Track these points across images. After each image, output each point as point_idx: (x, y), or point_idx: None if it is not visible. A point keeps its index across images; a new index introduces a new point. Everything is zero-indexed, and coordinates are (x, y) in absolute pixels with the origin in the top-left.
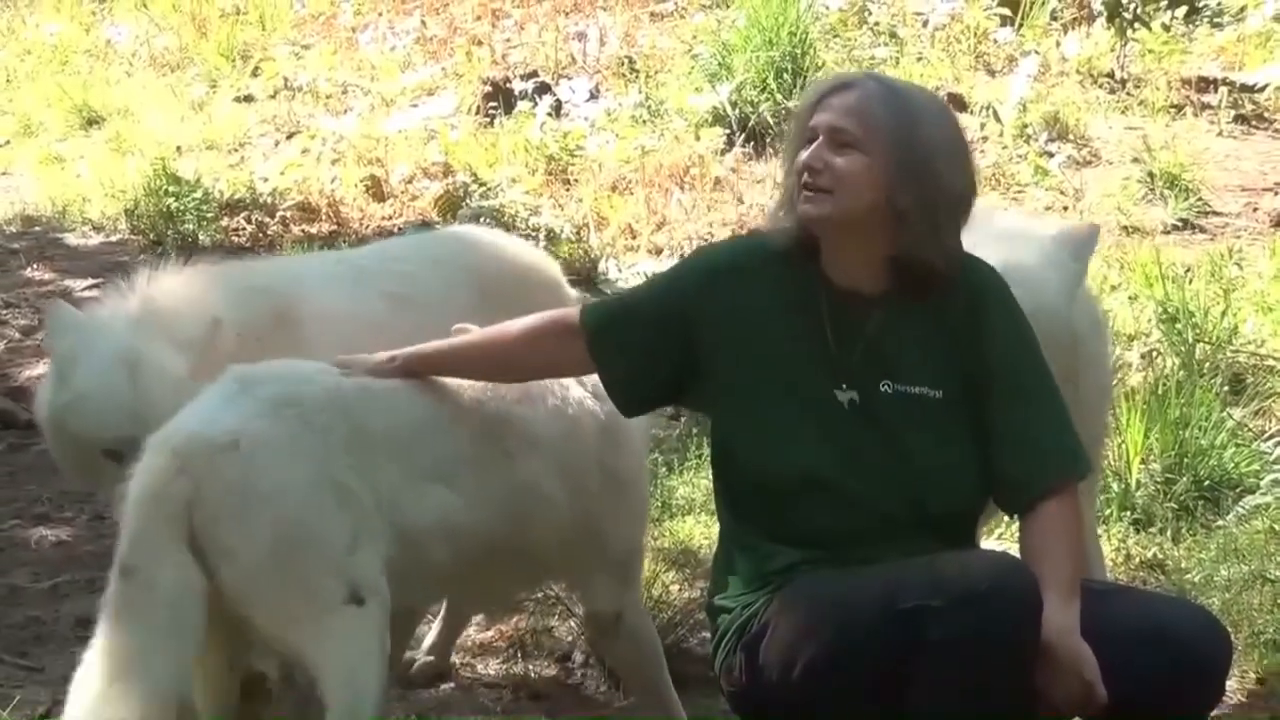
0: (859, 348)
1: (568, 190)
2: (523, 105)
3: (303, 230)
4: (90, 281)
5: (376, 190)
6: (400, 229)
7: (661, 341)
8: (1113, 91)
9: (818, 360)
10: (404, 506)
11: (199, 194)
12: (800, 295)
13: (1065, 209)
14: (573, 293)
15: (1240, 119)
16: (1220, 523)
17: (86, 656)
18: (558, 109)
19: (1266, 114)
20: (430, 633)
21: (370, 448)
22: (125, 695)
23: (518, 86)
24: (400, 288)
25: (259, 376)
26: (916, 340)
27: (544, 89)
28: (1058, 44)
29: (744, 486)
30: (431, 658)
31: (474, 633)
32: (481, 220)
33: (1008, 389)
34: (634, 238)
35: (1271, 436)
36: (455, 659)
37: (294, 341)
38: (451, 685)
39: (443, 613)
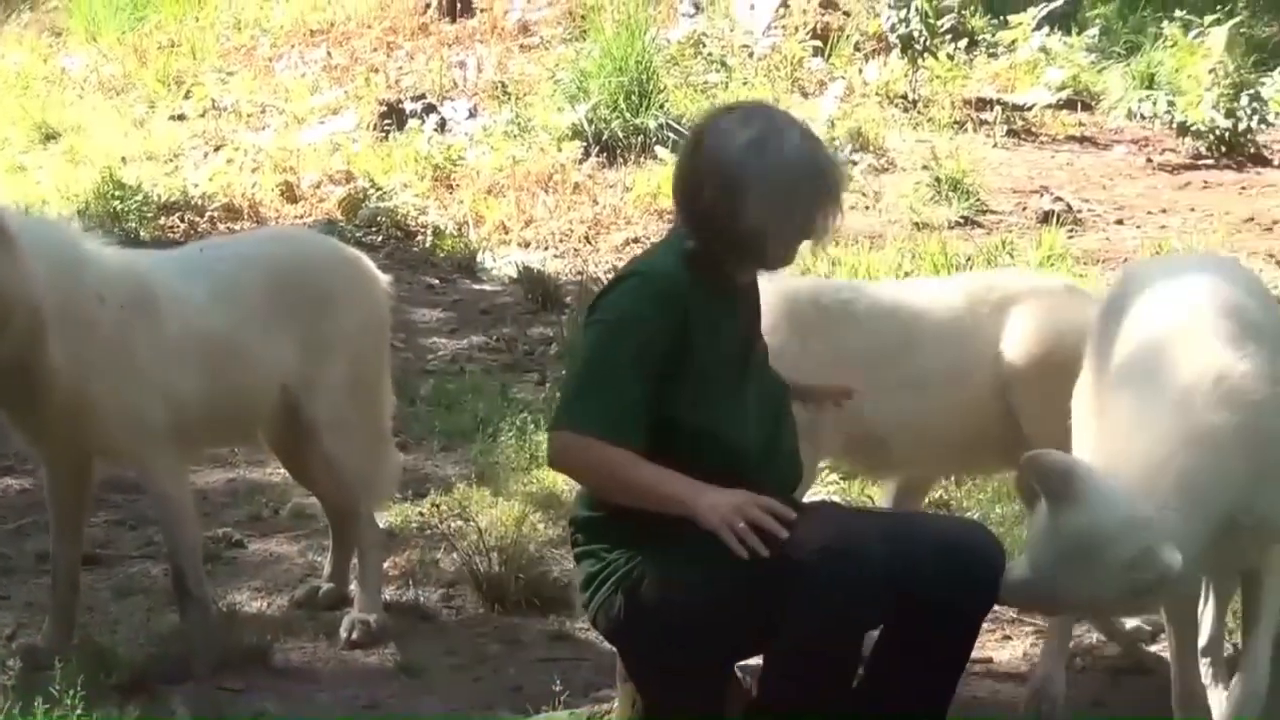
0: (740, 327)
1: (450, 193)
2: (412, 123)
3: (228, 228)
4: None
5: (290, 194)
6: (309, 226)
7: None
8: (906, 110)
9: (732, 347)
10: None
11: (140, 197)
12: (721, 302)
13: (866, 209)
14: (386, 286)
15: (1011, 133)
16: None
17: None
18: (442, 125)
19: (1033, 129)
20: (327, 562)
21: None
22: None
23: (408, 107)
24: (217, 282)
25: None
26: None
27: (430, 109)
28: (860, 71)
29: (678, 453)
30: (332, 585)
31: None
32: (376, 219)
33: None
34: (506, 233)
35: None
36: (354, 585)
37: (155, 315)
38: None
39: (333, 545)
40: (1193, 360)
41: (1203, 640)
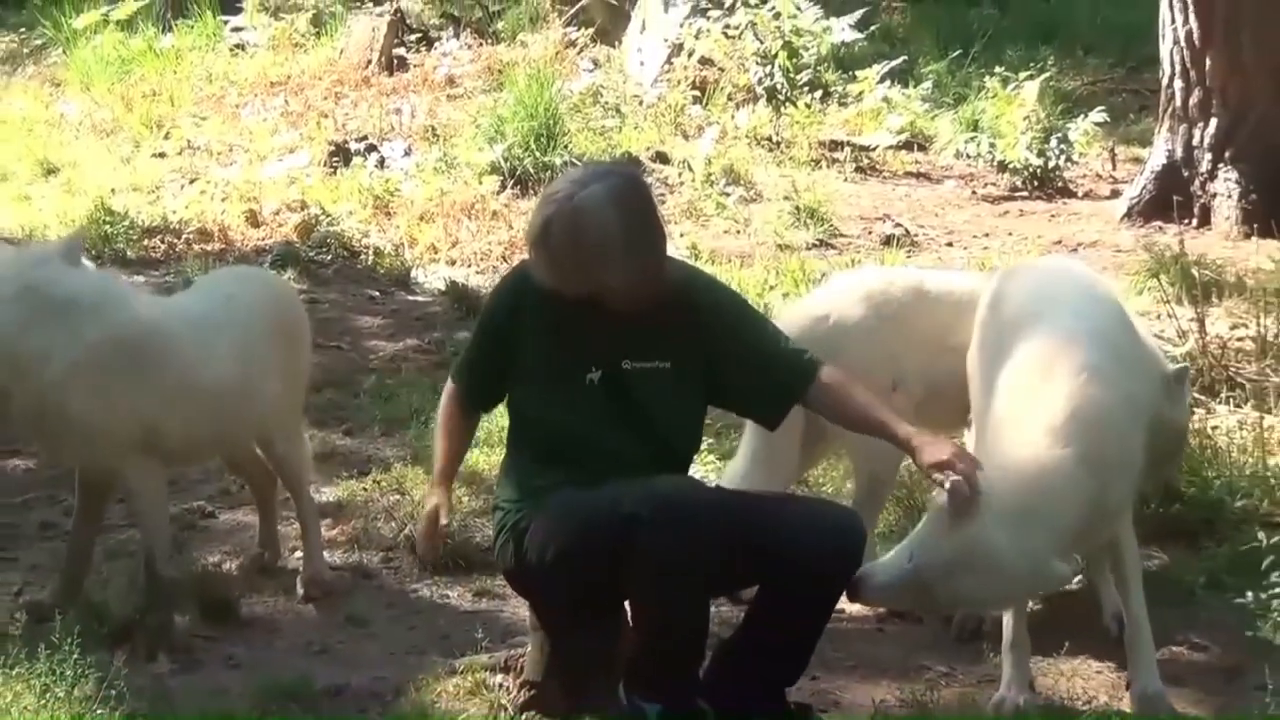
0: (604, 339)
1: (389, 219)
2: (357, 160)
3: (200, 248)
4: None
5: (253, 219)
6: (270, 247)
7: (494, 365)
8: (771, 150)
9: (576, 351)
10: None
11: (127, 223)
12: (565, 306)
13: (738, 233)
14: (304, 313)
15: (859, 170)
16: None
17: None
18: (381, 163)
19: (877, 166)
20: (259, 532)
21: None
22: None
23: (353, 146)
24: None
25: None
26: (648, 329)
27: (372, 148)
28: (732, 117)
29: (529, 436)
30: (267, 550)
31: (326, 529)
32: (326, 241)
33: (733, 339)
34: (436, 253)
35: None
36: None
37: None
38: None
39: (264, 518)
40: (1052, 393)
41: None
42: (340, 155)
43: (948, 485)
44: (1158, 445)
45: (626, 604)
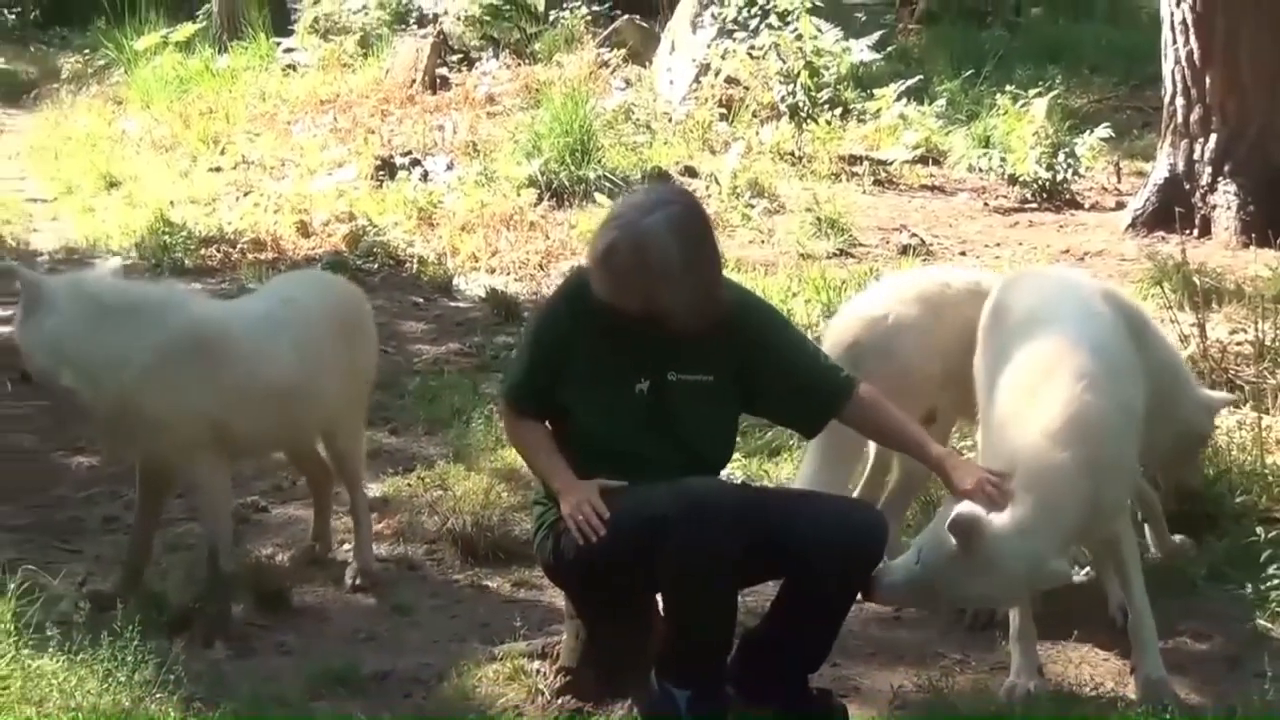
0: (654, 350)
1: (432, 230)
2: (402, 173)
3: (254, 257)
4: None
5: (304, 230)
6: (319, 256)
7: (551, 369)
8: (793, 165)
9: (627, 359)
10: None
11: (185, 233)
12: (620, 316)
13: (763, 243)
14: (370, 312)
15: (877, 183)
16: None
17: None
18: (425, 176)
19: (894, 179)
20: (312, 526)
21: None
22: None
23: (399, 161)
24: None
25: None
26: (695, 343)
27: (416, 162)
28: (757, 133)
29: (571, 436)
30: (318, 543)
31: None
32: (373, 250)
33: (778, 357)
34: (476, 262)
35: None
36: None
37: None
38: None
39: (319, 512)
40: (1052, 397)
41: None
42: (386, 169)
43: (949, 518)
44: (1179, 449)
45: (658, 595)
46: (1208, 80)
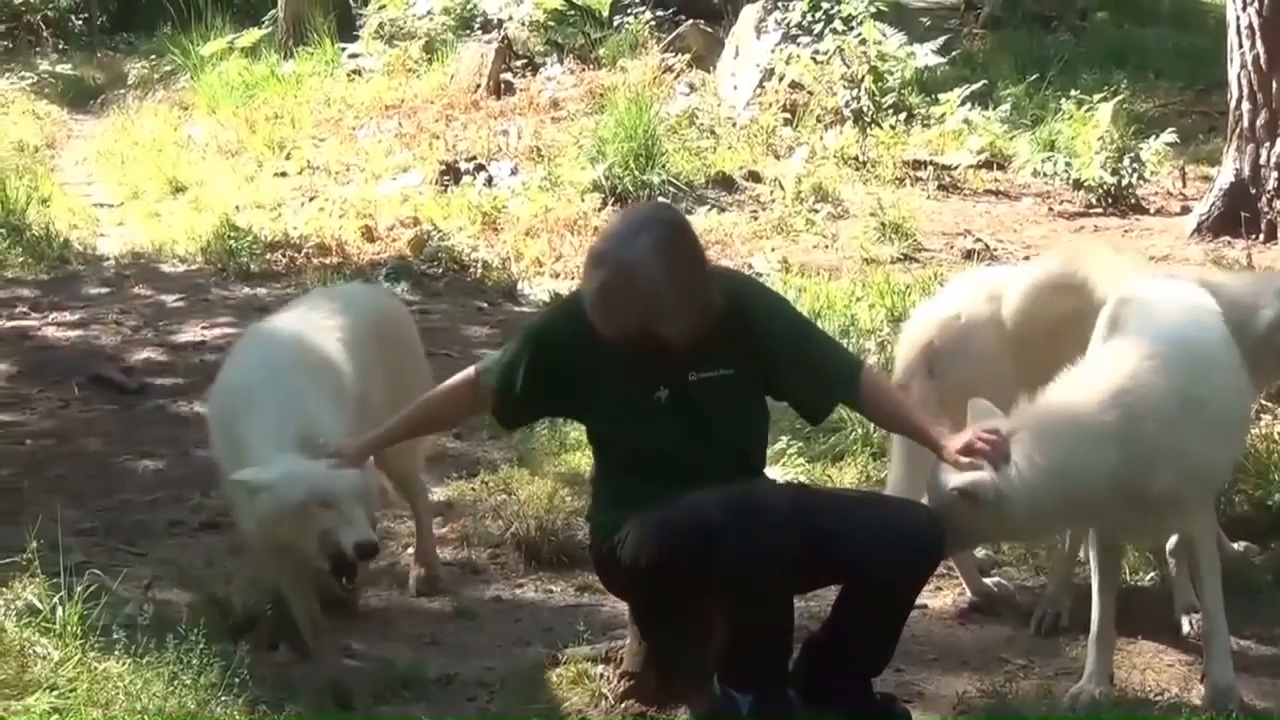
0: (668, 357)
1: (496, 235)
2: (466, 178)
3: (319, 262)
4: (177, 296)
5: (369, 235)
6: (384, 261)
7: (543, 398)
8: (857, 169)
9: (641, 372)
10: None
11: (250, 238)
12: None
13: (826, 247)
14: (406, 323)
15: (941, 188)
16: None
17: None
18: (489, 181)
19: (958, 184)
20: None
21: None
22: None
23: (463, 166)
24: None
25: None
26: (708, 340)
27: (480, 168)
28: (821, 138)
29: (610, 455)
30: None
31: (436, 527)
32: (438, 255)
33: (788, 343)
34: (540, 266)
35: None
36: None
37: None
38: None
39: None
40: (1114, 365)
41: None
42: (451, 174)
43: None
44: None
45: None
46: (1274, 85)
